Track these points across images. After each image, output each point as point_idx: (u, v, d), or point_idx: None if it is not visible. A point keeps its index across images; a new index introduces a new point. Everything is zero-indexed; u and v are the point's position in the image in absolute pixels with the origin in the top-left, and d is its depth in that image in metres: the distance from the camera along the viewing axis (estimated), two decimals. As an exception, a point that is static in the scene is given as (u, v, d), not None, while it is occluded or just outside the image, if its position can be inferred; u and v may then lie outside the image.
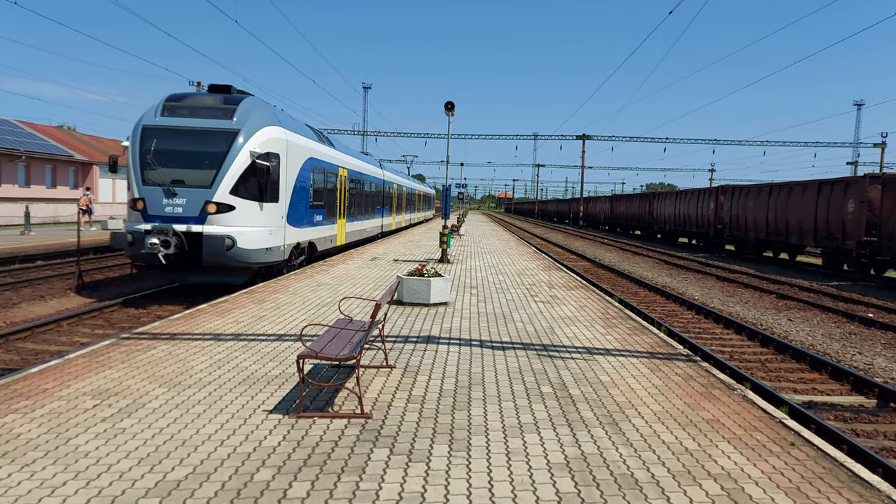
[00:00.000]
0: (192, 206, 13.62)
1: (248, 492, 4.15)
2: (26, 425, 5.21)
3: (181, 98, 14.69)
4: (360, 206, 27.00)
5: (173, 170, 13.81)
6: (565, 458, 4.85)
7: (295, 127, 17.33)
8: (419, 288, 11.88)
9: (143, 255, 13.31)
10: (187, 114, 14.29)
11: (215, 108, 14.43)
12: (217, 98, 14.78)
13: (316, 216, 18.89)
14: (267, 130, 14.76)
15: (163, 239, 13.10)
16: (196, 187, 13.70)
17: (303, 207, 17.28)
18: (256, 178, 14.22)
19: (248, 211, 14.06)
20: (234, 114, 14.31)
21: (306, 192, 17.60)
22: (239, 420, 5.48)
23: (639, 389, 6.76)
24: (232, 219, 13.79)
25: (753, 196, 31.42)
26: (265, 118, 14.97)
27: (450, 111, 19.92)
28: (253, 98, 15.42)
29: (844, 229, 23.78)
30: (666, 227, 44.87)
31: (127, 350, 7.79)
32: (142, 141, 13.97)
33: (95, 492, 4.08)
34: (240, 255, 13.81)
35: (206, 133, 14.06)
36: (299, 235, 17.05)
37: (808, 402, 8.43)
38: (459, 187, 48.96)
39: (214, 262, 13.64)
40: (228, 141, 13.98)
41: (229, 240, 13.52)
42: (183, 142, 13.96)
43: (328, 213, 20.56)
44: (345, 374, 6.96)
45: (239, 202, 13.92)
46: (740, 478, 4.60)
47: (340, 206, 22.63)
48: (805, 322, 14.39)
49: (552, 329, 9.92)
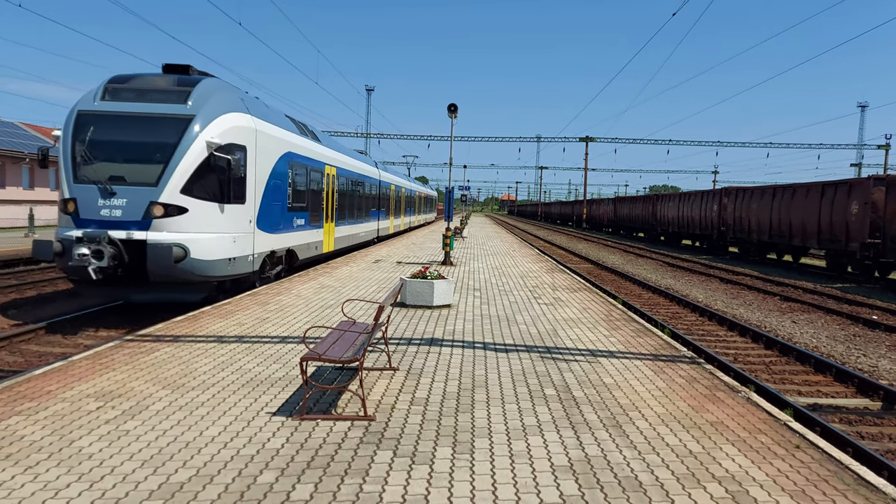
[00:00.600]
0: (133, 208, 11.26)
1: (252, 494, 4.14)
2: (30, 427, 5.21)
3: (127, 79, 12.34)
4: (353, 208, 24.80)
5: (112, 164, 11.45)
6: (569, 461, 4.83)
7: (268, 116, 15.00)
8: (422, 290, 11.87)
9: (72, 267, 10.96)
10: (133, 97, 11.96)
11: (167, 90, 12.16)
12: (170, 79, 12.47)
13: (296, 220, 16.71)
14: (230, 118, 12.52)
15: (94, 249, 10.73)
16: (139, 185, 11.34)
17: (278, 210, 15.11)
18: (216, 174, 11.94)
19: (204, 214, 11.76)
20: (189, 97, 12.03)
21: (283, 191, 15.46)
22: (242, 422, 5.48)
23: (642, 392, 6.74)
24: (184, 223, 11.46)
25: (757, 198, 31.36)
26: (228, 103, 12.73)
27: (453, 113, 19.92)
28: (214, 80, 13.18)
29: (848, 231, 23.72)
30: (669, 229, 44.82)
31: (130, 352, 7.80)
32: (75, 130, 11.64)
33: (98, 494, 4.08)
34: (194, 268, 11.47)
35: (153, 120, 11.72)
36: (274, 242, 14.92)
37: (812, 405, 8.41)
38: (462, 189, 48.84)
39: (162, 276, 11.30)
40: (180, 129, 11.65)
41: (180, 249, 11.18)
42: (125, 130, 11.64)
43: (312, 216, 18.50)
44: (348, 377, 6.96)
45: (193, 203, 11.58)
46: (745, 480, 4.58)
47: (328, 209, 20.52)
48: (809, 324, 14.35)
49: (555, 331, 9.90)
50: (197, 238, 11.57)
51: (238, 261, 12.75)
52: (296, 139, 16.77)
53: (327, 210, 20.46)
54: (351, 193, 24.30)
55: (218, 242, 12.01)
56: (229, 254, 12.34)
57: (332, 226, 21.15)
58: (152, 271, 11.20)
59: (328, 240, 20.77)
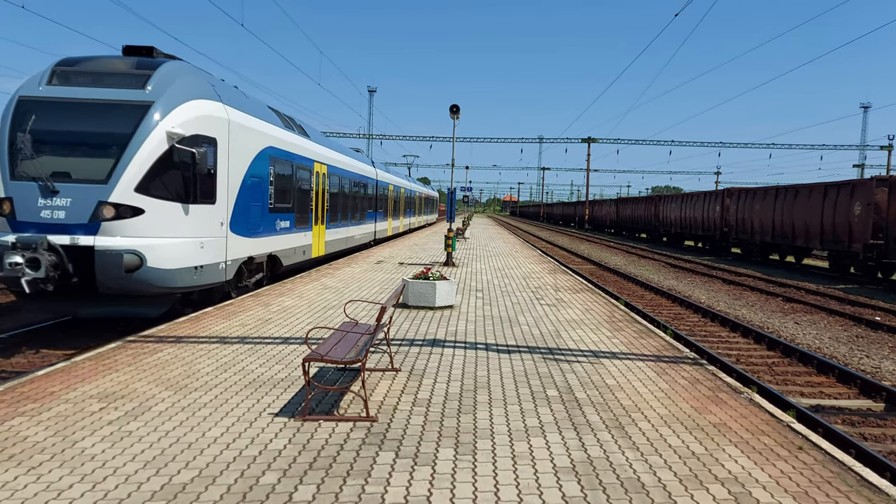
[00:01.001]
0: (79, 208, 9.72)
1: (254, 495, 4.15)
2: (33, 428, 5.23)
3: (78, 62, 10.83)
4: (346, 209, 23.29)
5: (56, 158, 9.92)
6: (571, 462, 4.83)
7: (245, 105, 13.48)
8: (424, 291, 11.88)
9: (4, 278, 9.41)
10: (84, 82, 10.44)
11: (123, 74, 10.59)
12: (128, 62, 10.91)
13: (279, 222, 15.17)
14: (196, 105, 11.03)
15: (29, 257, 9.23)
16: (86, 182, 9.81)
17: (257, 211, 13.58)
18: (179, 170, 10.47)
19: (164, 215, 10.28)
20: (149, 82, 10.51)
21: (263, 190, 13.94)
22: (245, 423, 5.49)
23: (645, 393, 6.74)
24: (139, 227, 9.95)
25: (759, 199, 31.33)
26: (194, 89, 11.20)
27: (455, 114, 19.93)
28: (179, 63, 11.58)
29: (851, 232, 23.68)
30: (672, 230, 44.78)
31: (133, 353, 7.81)
32: (14, 119, 10.15)
33: (101, 495, 4.09)
34: (151, 278, 9.98)
35: (105, 107, 10.21)
36: (252, 247, 13.35)
37: (815, 406, 8.39)
38: (464, 190, 48.78)
39: (113, 287, 9.84)
40: (136, 118, 10.15)
41: (133, 256, 9.74)
42: (72, 119, 10.17)
43: (299, 218, 16.96)
44: (350, 378, 6.96)
45: (150, 203, 10.08)
46: (747, 482, 4.57)
47: (318, 210, 19.01)
48: (812, 325, 14.32)
49: (558, 332, 9.90)
50: (155, 244, 10.08)
51: (207, 269, 11.27)
52: (279, 133, 15.29)
53: (317, 211, 19.00)
54: (344, 193, 22.92)
55: (181, 248, 10.55)
56: (195, 261, 10.88)
57: (322, 228, 19.67)
58: (102, 282, 9.74)
59: (318, 244, 19.30)
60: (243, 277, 13.28)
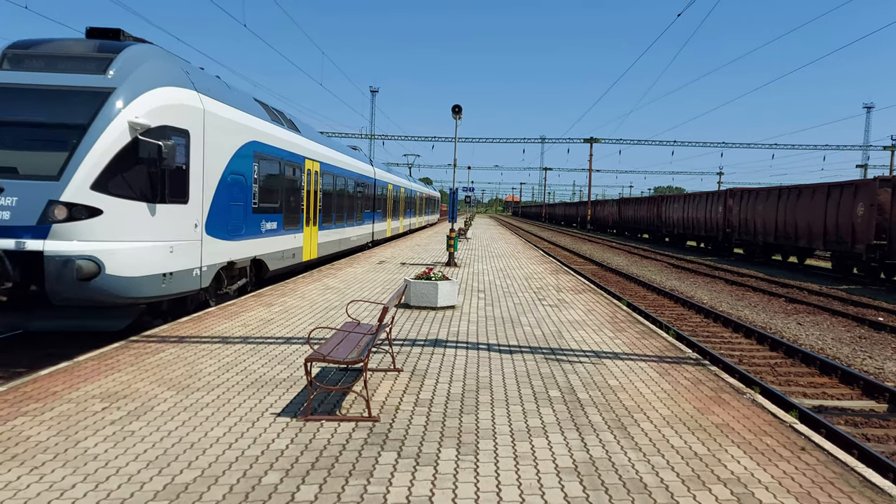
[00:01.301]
0: (26, 209, 8.59)
1: (256, 495, 4.15)
2: (36, 428, 5.23)
3: (33, 45, 9.77)
4: (342, 209, 22.14)
5: (1, 151, 8.88)
6: (574, 462, 4.83)
7: (224, 95, 12.31)
8: (426, 291, 11.88)
9: None
10: (38, 67, 9.44)
11: (82, 58, 9.53)
12: (89, 45, 9.82)
13: (265, 223, 14.05)
14: (165, 93, 9.91)
15: None
16: (35, 179, 8.68)
17: (239, 211, 12.48)
18: (144, 165, 9.35)
19: (126, 217, 9.14)
20: (111, 66, 9.41)
21: (245, 189, 12.81)
22: (247, 423, 5.49)
23: (647, 393, 6.73)
24: (96, 229, 8.80)
25: (762, 199, 31.29)
26: (164, 75, 10.09)
27: (457, 114, 19.94)
28: (148, 46, 10.37)
29: (854, 233, 23.64)
30: (674, 230, 44.74)
31: (136, 353, 7.82)
32: None
33: (104, 494, 4.09)
34: (111, 287, 8.86)
35: (59, 94, 9.19)
36: (233, 251, 12.24)
37: (818, 407, 8.38)
38: (467, 191, 48.75)
39: (67, 298, 8.74)
40: (94, 106, 9.04)
41: (90, 263, 8.60)
42: (22, 108, 9.08)
43: (288, 218, 15.83)
44: (352, 378, 6.96)
45: (109, 203, 8.93)
46: (750, 482, 4.57)
47: (310, 210, 17.90)
48: (815, 326, 14.30)
49: (560, 333, 9.89)
50: (115, 248, 8.92)
51: (178, 276, 10.13)
52: (265, 126, 14.12)
53: (309, 212, 17.80)
54: (339, 193, 21.73)
55: (145, 253, 9.37)
56: (163, 267, 9.72)
57: (314, 230, 18.54)
58: (53, 292, 8.63)
59: (310, 246, 18.15)
60: (223, 284, 12.16)
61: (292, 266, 16.59)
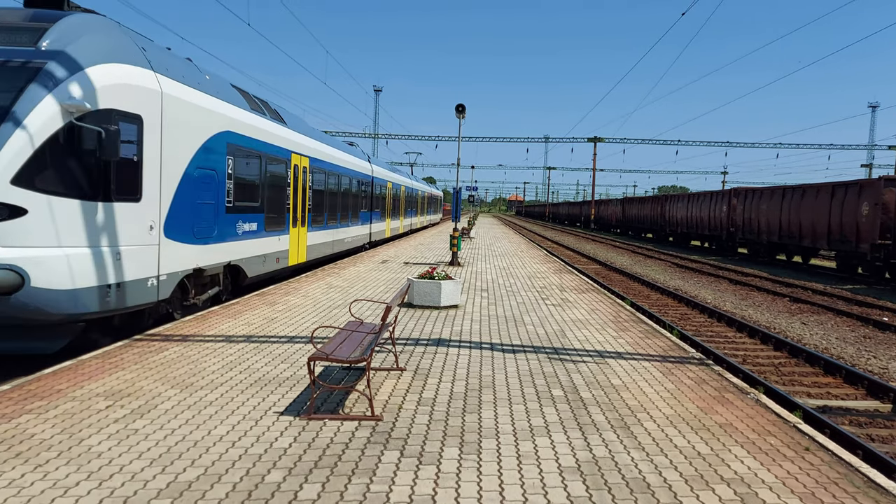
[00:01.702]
0: None
1: (259, 493, 4.16)
2: (40, 426, 5.25)
3: None
4: (335, 208, 20.70)
5: None
6: (576, 462, 4.82)
7: (191, 78, 10.64)
8: (430, 290, 11.88)
9: None
10: None
11: (12, 28, 8.13)
12: (21, 14, 8.42)
13: (242, 224, 12.55)
14: (112, 71, 8.41)
15: None
16: None
17: (208, 211, 10.94)
18: (82, 155, 7.94)
19: (57, 217, 7.70)
20: (44, 37, 8.02)
21: (217, 185, 11.23)
22: (250, 421, 5.50)
23: (651, 393, 6.72)
24: (18, 232, 7.40)
25: (766, 199, 31.22)
26: (111, 50, 8.56)
27: (461, 114, 19.93)
28: (92, 16, 8.84)
29: (858, 232, 23.58)
30: (678, 229, 44.67)
31: (140, 351, 7.83)
32: None
33: (108, 492, 4.10)
34: (38, 302, 7.49)
35: None
36: (200, 256, 10.70)
37: (822, 407, 8.36)
38: (470, 190, 48.69)
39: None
40: (19, 83, 7.61)
41: (8, 274, 7.23)
42: None
43: (271, 219, 14.38)
44: (355, 377, 6.97)
45: (36, 200, 7.51)
46: (754, 482, 4.56)
47: (297, 210, 16.40)
48: (819, 325, 14.26)
49: (563, 332, 9.88)
50: (41, 256, 7.49)
51: (128, 287, 8.67)
52: (242, 115, 12.53)
53: (297, 211, 16.32)
54: (332, 191, 20.35)
55: (82, 261, 7.88)
56: (107, 278, 8.25)
57: (302, 231, 17.00)
58: None
59: (297, 249, 16.66)
60: (190, 294, 10.68)
61: (277, 271, 15.14)
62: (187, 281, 10.57)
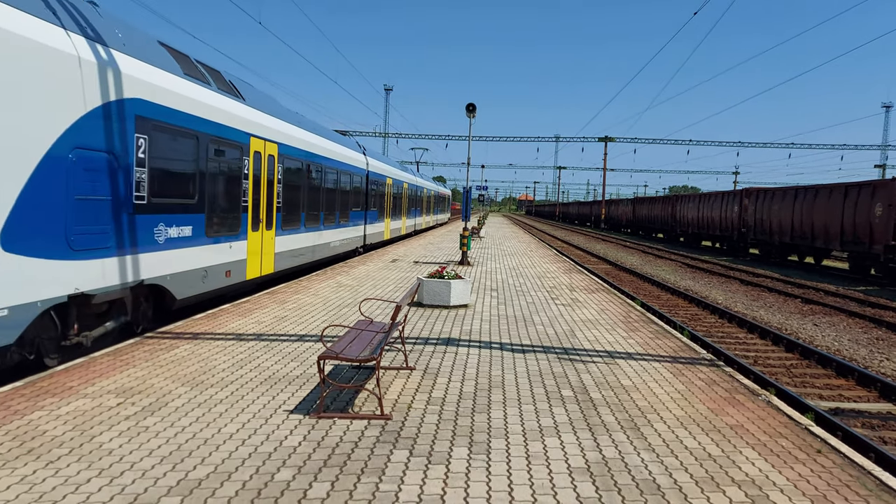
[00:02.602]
0: None
1: (269, 491, 4.17)
2: (52, 423, 5.29)
3: None
4: (315, 207, 17.28)
5: None
6: (586, 463, 4.81)
7: (71, 18, 7.63)
8: (439, 290, 11.88)
9: None
10: None
11: None
12: None
13: (164, 229, 9.44)
14: None
15: None
16: None
17: (100, 210, 7.90)
18: None
19: None
20: None
21: (116, 173, 8.20)
22: (260, 420, 5.51)
23: (661, 394, 6.69)
24: None
25: (778, 199, 31.02)
26: None
27: (471, 113, 19.92)
28: None
29: (872, 233, 23.38)
30: (689, 230, 44.46)
31: (150, 349, 7.87)
32: None
33: (119, 489, 4.13)
34: None
35: None
36: (85, 276, 7.66)
37: (834, 409, 8.29)
38: (480, 189, 48.58)
39: None
40: None
41: None
42: None
43: (217, 221, 11.18)
44: (365, 376, 6.98)
45: None
46: (765, 485, 4.53)
47: (261, 209, 13.18)
48: (831, 327, 14.16)
49: (573, 332, 9.86)
50: None
51: None
52: (165, 80, 9.40)
53: (259, 211, 13.09)
54: (313, 186, 17.03)
55: None
56: None
57: (268, 235, 13.71)
58: None
59: (260, 258, 13.20)
60: (71, 331, 7.75)
61: (228, 288, 11.87)
62: (56, 314, 7.48)
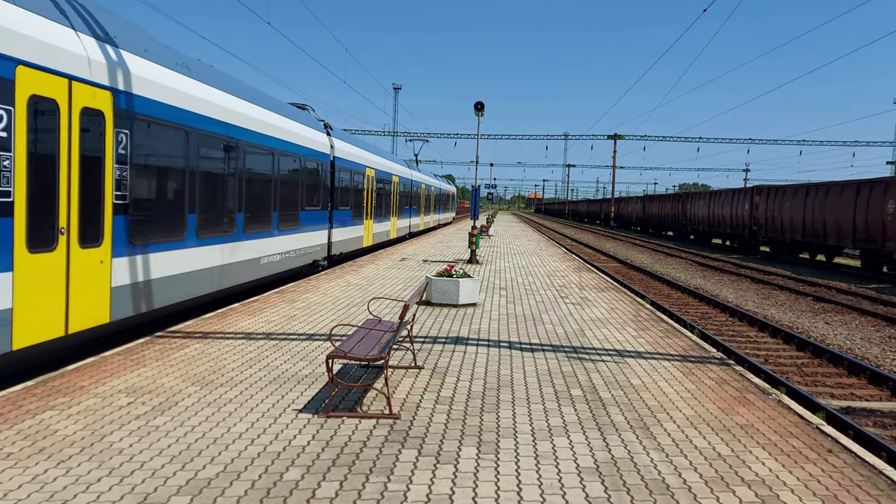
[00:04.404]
0: None
1: (278, 491, 4.18)
2: (63, 422, 5.32)
3: None
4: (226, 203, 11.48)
5: None
6: (595, 462, 4.79)
7: None
8: (448, 289, 11.87)
9: None
10: None
11: None
12: None
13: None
14: None
15: None
16: None
17: None
18: None
19: None
20: None
21: None
22: (269, 419, 5.53)
23: (671, 393, 6.66)
24: None
25: (790, 196, 30.81)
26: None
27: (479, 111, 19.89)
28: None
29: (884, 231, 23.18)
30: (699, 227, 44.24)
31: (161, 348, 7.92)
32: None
33: (129, 489, 4.15)
34: None
35: None
36: None
37: (845, 408, 8.23)
38: (489, 187, 48.47)
39: None
40: None
41: None
42: None
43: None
44: (373, 375, 6.98)
45: None
46: (775, 485, 4.50)
47: (72, 208, 7.24)
48: (843, 325, 14.05)
49: (582, 331, 9.83)
50: None
51: None
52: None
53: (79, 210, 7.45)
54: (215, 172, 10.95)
55: None
56: None
57: (103, 254, 7.93)
58: None
59: (87, 297, 7.63)
60: None
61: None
62: None
